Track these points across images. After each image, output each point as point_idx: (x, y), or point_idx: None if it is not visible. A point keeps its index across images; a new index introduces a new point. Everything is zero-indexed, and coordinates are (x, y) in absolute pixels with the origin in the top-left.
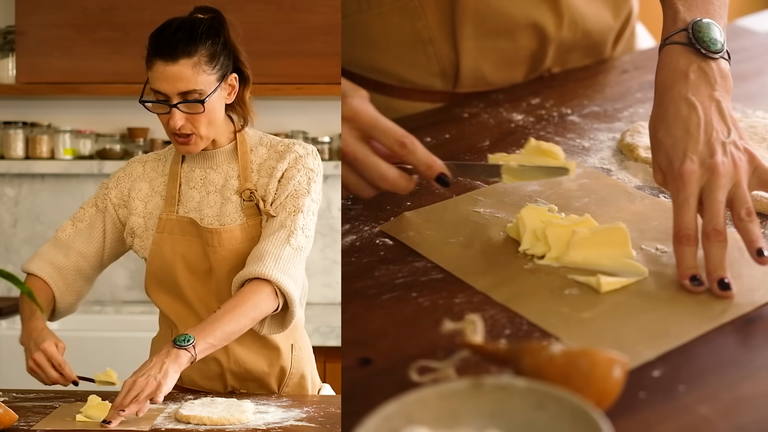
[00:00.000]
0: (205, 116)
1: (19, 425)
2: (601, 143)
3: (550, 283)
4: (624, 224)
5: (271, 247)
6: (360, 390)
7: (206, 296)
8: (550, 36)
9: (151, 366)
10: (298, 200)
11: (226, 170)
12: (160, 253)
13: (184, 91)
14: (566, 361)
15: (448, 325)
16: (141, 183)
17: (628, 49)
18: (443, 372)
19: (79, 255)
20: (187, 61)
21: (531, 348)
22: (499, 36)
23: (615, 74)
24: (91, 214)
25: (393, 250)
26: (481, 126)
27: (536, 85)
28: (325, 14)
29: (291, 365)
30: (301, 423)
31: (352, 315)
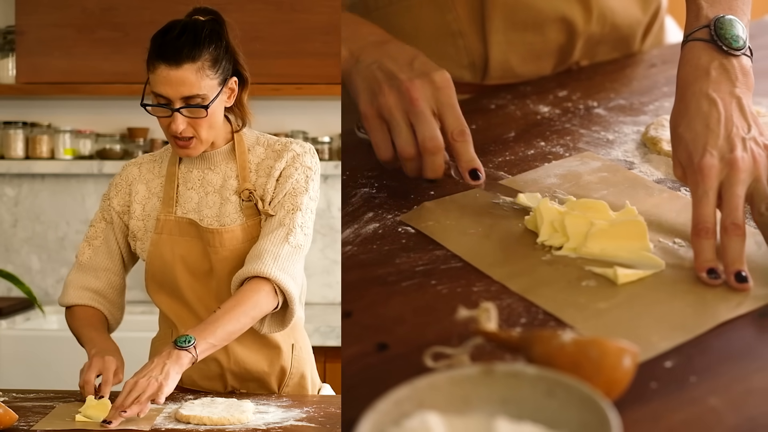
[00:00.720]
0: (207, 120)
1: (19, 425)
2: (625, 136)
3: (568, 275)
4: (642, 217)
5: (269, 246)
6: (375, 375)
7: (206, 297)
8: (578, 30)
9: (152, 367)
10: (296, 198)
11: (224, 170)
12: (158, 254)
13: (187, 95)
14: (576, 349)
15: (462, 312)
16: (138, 186)
17: (657, 43)
18: (457, 358)
19: (108, 271)
20: (191, 66)
21: (542, 336)
22: (528, 29)
23: (643, 68)
24: (102, 229)
25: (415, 239)
26: (507, 117)
27: (564, 77)
28: (325, 14)
29: (291, 365)
30: (301, 423)
31: (371, 301)
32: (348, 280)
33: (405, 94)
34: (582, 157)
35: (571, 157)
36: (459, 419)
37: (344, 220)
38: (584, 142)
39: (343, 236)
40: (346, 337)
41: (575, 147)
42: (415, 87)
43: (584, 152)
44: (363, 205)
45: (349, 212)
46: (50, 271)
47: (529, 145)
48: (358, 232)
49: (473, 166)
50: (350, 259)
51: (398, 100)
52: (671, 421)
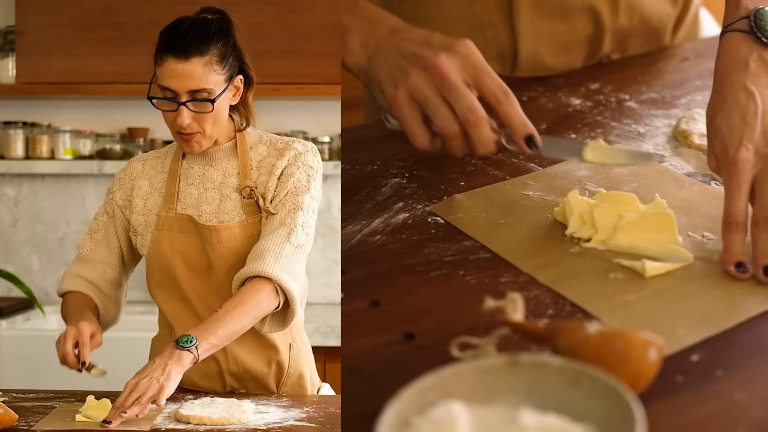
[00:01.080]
0: (212, 116)
1: (19, 425)
2: (656, 129)
3: (595, 267)
4: (671, 210)
5: (271, 245)
6: (401, 364)
7: (205, 293)
8: (605, 21)
9: (153, 368)
10: (297, 198)
11: (225, 167)
12: (158, 251)
13: (194, 89)
14: (602, 341)
15: (489, 302)
16: (141, 181)
17: (691, 36)
18: (483, 348)
19: (105, 264)
20: (199, 60)
21: (567, 327)
22: (556, 19)
23: (675, 61)
24: (104, 222)
25: (444, 229)
26: (539, 109)
27: (595, 70)
28: (325, 14)
29: (289, 364)
30: (301, 423)
31: (400, 290)
32: (376, 269)
33: (433, 71)
34: None
35: None
36: (483, 409)
37: (374, 209)
38: (615, 134)
39: (373, 225)
40: (373, 326)
41: (606, 140)
42: (442, 60)
43: (615, 145)
44: (393, 195)
45: (379, 202)
46: (50, 271)
47: (560, 137)
48: (388, 221)
49: (527, 131)
50: (379, 249)
51: (427, 79)
52: (697, 415)
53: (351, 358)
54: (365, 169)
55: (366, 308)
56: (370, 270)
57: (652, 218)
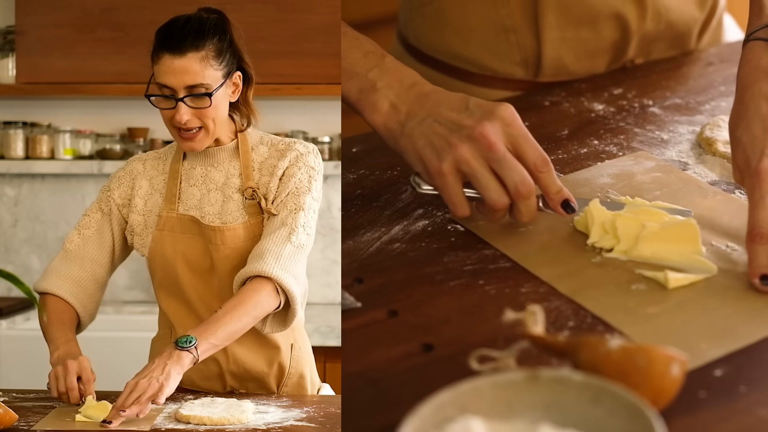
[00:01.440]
0: (211, 111)
1: (19, 425)
2: (680, 136)
3: (617, 278)
4: (695, 220)
5: (272, 245)
6: (419, 376)
7: (207, 294)
8: (632, 27)
9: (153, 368)
10: (299, 198)
11: (227, 168)
12: (160, 251)
13: (191, 84)
14: (623, 356)
15: (509, 314)
16: (141, 181)
17: (715, 41)
18: (503, 362)
19: (94, 263)
20: (195, 55)
21: (589, 342)
22: (582, 26)
23: (699, 66)
24: (97, 220)
25: (464, 237)
26: (561, 114)
27: (619, 75)
28: (325, 14)
29: (290, 365)
30: (301, 423)
31: (419, 300)
32: (395, 278)
33: (480, 141)
34: (636, 156)
35: (624, 156)
36: (502, 425)
37: (393, 216)
38: (638, 141)
39: (392, 233)
40: (391, 336)
41: (629, 146)
42: (487, 129)
43: (638, 152)
44: (413, 201)
45: (398, 209)
46: None
47: (582, 143)
48: (407, 229)
49: (564, 196)
50: (398, 257)
51: (474, 150)
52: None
53: (369, 370)
54: (385, 175)
55: (384, 318)
56: (389, 279)
57: (675, 228)
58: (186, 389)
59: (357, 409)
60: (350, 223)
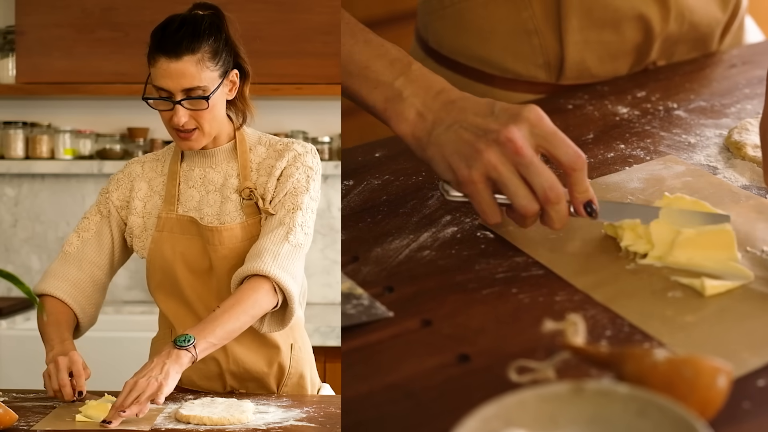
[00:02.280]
0: (208, 112)
1: (19, 425)
2: (707, 140)
3: (652, 285)
4: (730, 225)
5: (269, 244)
6: (456, 387)
7: (206, 295)
8: (655, 29)
9: (152, 367)
10: (297, 198)
11: (225, 169)
12: (159, 252)
13: (188, 87)
14: (670, 368)
15: (549, 324)
16: (140, 183)
17: (736, 42)
18: (542, 373)
19: (93, 265)
20: (191, 58)
21: (634, 353)
22: (605, 28)
23: (722, 68)
24: (96, 222)
25: (494, 244)
26: (585, 118)
27: (642, 78)
28: (325, 14)
29: (290, 364)
30: (301, 423)
31: (452, 309)
32: (426, 286)
33: (507, 145)
34: (665, 160)
35: (653, 160)
36: None
37: (421, 222)
38: (665, 145)
39: (421, 240)
40: (425, 347)
41: (656, 150)
42: (514, 133)
43: (667, 155)
44: (440, 207)
45: (425, 215)
46: None
47: (608, 147)
48: (436, 236)
49: (587, 197)
50: (429, 265)
51: (501, 155)
52: None
53: (405, 382)
54: (410, 181)
55: (418, 328)
56: (420, 287)
57: (711, 234)
58: (186, 389)
59: (396, 422)
60: (377, 230)
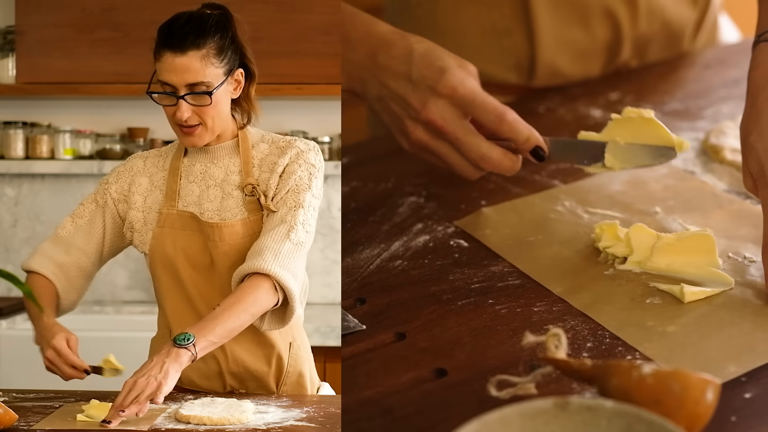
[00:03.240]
0: (212, 108)
1: (19, 425)
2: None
3: (631, 291)
4: (711, 231)
5: (270, 242)
6: (434, 403)
7: (208, 291)
8: (624, 26)
9: (151, 366)
10: (298, 195)
11: (226, 165)
12: (160, 248)
13: (191, 82)
14: (657, 382)
15: (529, 337)
16: (141, 178)
17: (711, 41)
18: (523, 387)
19: (80, 251)
20: (195, 53)
21: (620, 367)
22: (574, 25)
23: (697, 69)
24: (90, 210)
25: (468, 253)
26: (558, 122)
27: (614, 79)
28: (325, 14)
29: (288, 363)
30: (301, 423)
31: (426, 322)
32: (399, 298)
33: (430, 125)
34: None
35: None
36: None
37: (392, 231)
38: None
39: (392, 249)
40: (401, 361)
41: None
42: (433, 114)
43: None
44: (411, 215)
45: (396, 223)
46: None
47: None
48: (408, 245)
49: (533, 143)
50: (401, 275)
51: (427, 134)
52: None
53: (381, 398)
54: (378, 187)
55: (392, 341)
56: (393, 299)
57: (691, 239)
58: (186, 389)
59: None
60: (347, 239)
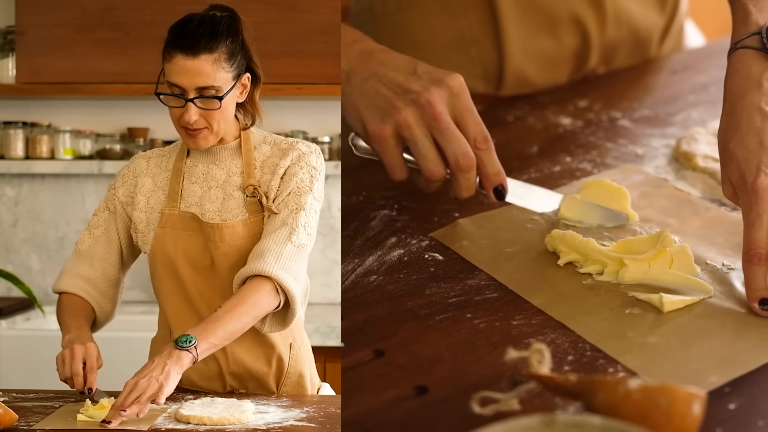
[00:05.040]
0: (219, 113)
1: (19, 425)
2: (654, 150)
3: (610, 301)
4: (687, 243)
5: (272, 245)
6: (416, 422)
7: (208, 292)
8: (592, 33)
9: (153, 367)
10: (300, 198)
11: (228, 166)
12: (161, 248)
13: (202, 86)
14: (644, 397)
15: (512, 353)
16: (145, 178)
17: (677, 47)
18: (506, 403)
19: (103, 261)
20: (207, 57)
21: (605, 382)
22: (542, 33)
23: (665, 75)
24: (105, 218)
25: (443, 266)
26: (527, 130)
27: (582, 86)
28: (325, 14)
29: (289, 364)
30: (301, 423)
31: (405, 338)
32: (376, 314)
33: (425, 108)
34: (623, 169)
35: (611, 169)
36: None
37: (366, 245)
38: (612, 157)
39: (367, 264)
40: (381, 379)
41: (603, 163)
42: (434, 97)
43: (626, 164)
44: (384, 229)
45: (369, 237)
46: (50, 271)
47: (554, 161)
48: (383, 259)
49: (499, 181)
50: (377, 290)
51: (418, 116)
52: None
53: (363, 417)
54: (350, 201)
55: (370, 359)
56: (370, 315)
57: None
58: (186, 389)
59: None
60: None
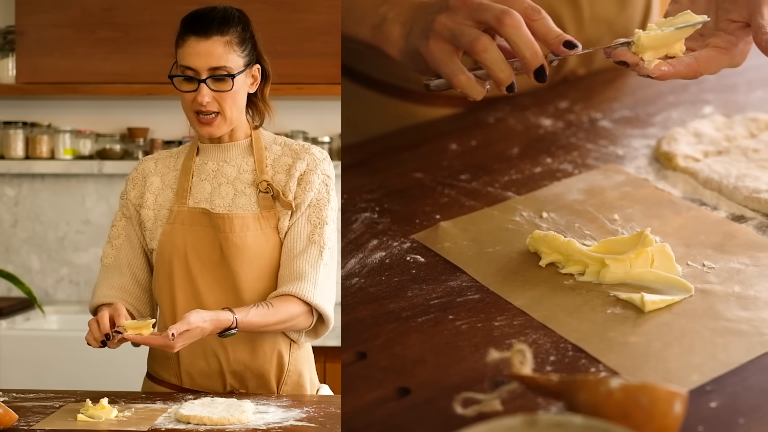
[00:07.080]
0: (231, 96)
1: (19, 425)
2: (635, 150)
3: (591, 301)
4: (668, 242)
5: (307, 266)
6: (399, 423)
7: (216, 287)
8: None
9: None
10: (321, 212)
11: (239, 164)
12: (170, 243)
13: (214, 66)
14: (625, 396)
15: (494, 354)
16: (153, 178)
17: None
18: (488, 404)
19: (130, 267)
20: (219, 39)
21: (587, 382)
22: None
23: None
24: (123, 227)
25: (425, 268)
26: (508, 132)
27: (562, 87)
28: (325, 14)
29: (289, 362)
30: (301, 423)
31: (387, 340)
32: (358, 316)
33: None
34: (605, 169)
35: (593, 170)
36: None
37: (347, 248)
38: (593, 158)
39: (348, 267)
40: (363, 381)
41: (584, 164)
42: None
43: (608, 164)
44: (366, 231)
45: (351, 240)
46: (50, 271)
47: (535, 162)
48: (364, 262)
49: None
50: (358, 293)
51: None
52: None
53: (345, 419)
54: None
55: (353, 361)
56: (352, 317)
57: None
58: (186, 389)
59: None
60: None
